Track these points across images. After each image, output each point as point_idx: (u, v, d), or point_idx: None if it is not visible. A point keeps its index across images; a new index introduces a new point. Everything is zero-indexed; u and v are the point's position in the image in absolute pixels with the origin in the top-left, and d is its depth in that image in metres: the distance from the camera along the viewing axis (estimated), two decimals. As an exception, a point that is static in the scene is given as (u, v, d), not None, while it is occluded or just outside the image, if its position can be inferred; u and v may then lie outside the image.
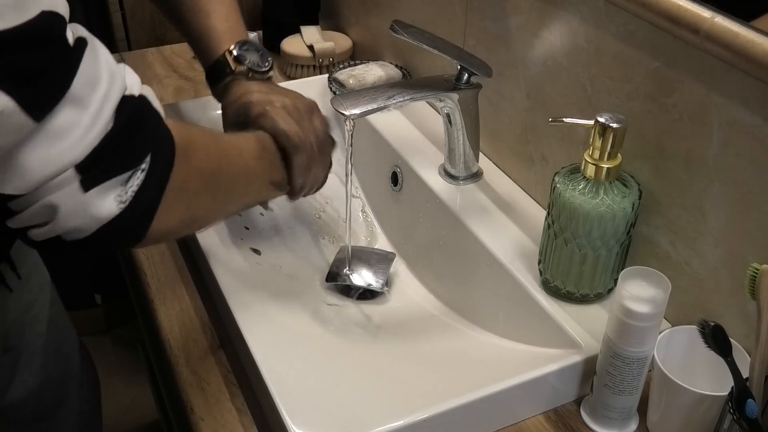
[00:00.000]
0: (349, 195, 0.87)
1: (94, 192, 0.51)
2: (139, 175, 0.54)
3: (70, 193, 0.51)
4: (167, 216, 0.58)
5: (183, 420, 0.75)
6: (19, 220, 0.52)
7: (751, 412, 0.57)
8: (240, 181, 0.71)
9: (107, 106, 0.51)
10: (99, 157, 0.51)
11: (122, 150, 0.53)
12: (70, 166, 0.50)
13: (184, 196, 0.60)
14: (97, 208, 0.52)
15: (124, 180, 0.53)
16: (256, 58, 0.84)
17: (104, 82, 0.51)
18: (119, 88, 0.53)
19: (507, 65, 0.90)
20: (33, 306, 0.92)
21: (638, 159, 0.75)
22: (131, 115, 0.53)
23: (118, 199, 0.53)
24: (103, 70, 0.52)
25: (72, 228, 0.52)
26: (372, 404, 0.68)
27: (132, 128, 0.53)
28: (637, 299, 0.63)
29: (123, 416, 1.69)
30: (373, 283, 0.90)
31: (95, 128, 0.50)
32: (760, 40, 0.58)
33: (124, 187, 0.53)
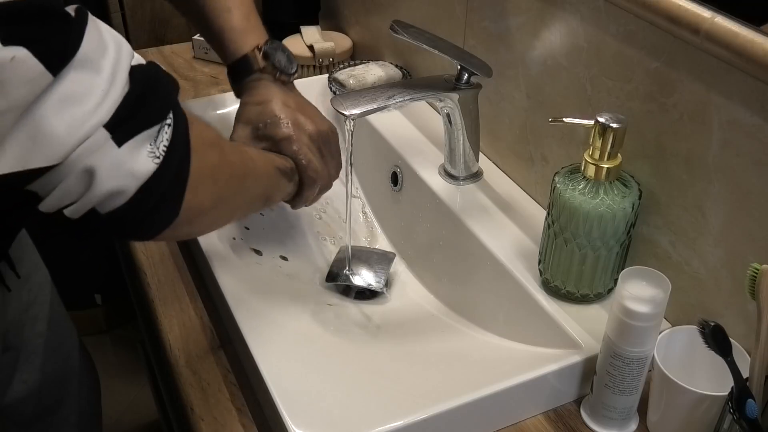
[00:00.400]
0: (349, 195, 0.87)
1: (127, 147, 0.51)
2: (167, 129, 0.54)
3: (105, 151, 0.50)
4: (197, 189, 0.58)
5: (183, 420, 0.75)
6: (52, 201, 0.51)
7: (751, 412, 0.57)
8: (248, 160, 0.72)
9: (120, 70, 0.51)
10: (125, 114, 0.51)
11: (146, 106, 0.53)
12: (98, 126, 0.49)
13: (208, 166, 0.61)
14: (134, 163, 0.52)
15: (153, 135, 0.53)
16: (284, 58, 0.84)
17: (111, 50, 0.51)
18: (127, 53, 0.53)
19: (507, 65, 0.90)
20: (33, 305, 0.92)
21: (638, 159, 0.75)
22: (146, 77, 0.53)
23: (151, 154, 0.53)
24: (108, 39, 0.52)
25: (111, 190, 0.52)
26: (372, 404, 0.68)
27: (150, 88, 0.54)
28: (637, 299, 0.63)
29: (123, 416, 1.70)
30: (373, 283, 0.90)
31: (114, 90, 0.50)
32: (760, 40, 0.58)
33: (155, 143, 0.53)
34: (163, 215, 0.57)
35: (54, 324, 0.96)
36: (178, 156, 0.55)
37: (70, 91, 0.48)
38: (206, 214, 0.63)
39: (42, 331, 0.94)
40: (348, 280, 0.90)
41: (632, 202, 0.71)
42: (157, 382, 1.13)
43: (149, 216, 0.56)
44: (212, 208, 0.63)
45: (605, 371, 0.68)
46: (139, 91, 0.52)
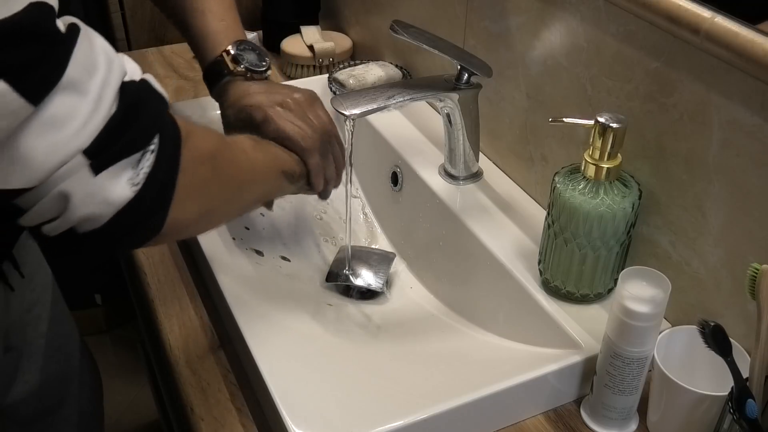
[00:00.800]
0: (349, 195, 0.87)
1: (105, 175, 0.51)
2: (149, 156, 0.53)
3: (80, 178, 0.50)
4: (183, 204, 0.57)
5: (183, 420, 0.75)
6: (30, 217, 0.51)
7: (751, 412, 0.57)
8: (247, 170, 0.71)
9: (108, 92, 0.50)
10: (106, 140, 0.50)
11: (129, 132, 0.52)
12: (77, 152, 0.49)
13: (197, 182, 0.60)
14: (110, 191, 0.51)
15: (134, 162, 0.52)
16: (254, 57, 0.84)
17: (102, 68, 0.50)
18: (118, 73, 0.52)
19: (507, 65, 0.90)
20: (36, 305, 0.92)
21: (638, 159, 0.75)
22: (134, 98, 0.53)
23: (130, 182, 0.52)
24: (100, 56, 0.51)
25: (86, 216, 0.51)
26: (372, 404, 0.68)
27: (137, 110, 0.53)
28: (637, 299, 0.63)
29: (123, 416, 1.70)
30: (373, 283, 0.90)
31: (98, 114, 0.50)
32: (760, 40, 0.58)
33: (136, 170, 0.52)
34: (142, 234, 0.57)
35: (56, 324, 0.96)
36: (159, 181, 0.54)
37: (51, 116, 0.48)
38: (193, 226, 0.63)
39: (44, 331, 0.94)
40: (348, 280, 0.90)
41: (632, 202, 0.71)
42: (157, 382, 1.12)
43: (128, 236, 0.56)
44: (199, 221, 0.63)
45: (605, 371, 0.68)
46: (123, 115, 0.51)
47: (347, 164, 0.84)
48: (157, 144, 0.54)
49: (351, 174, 0.85)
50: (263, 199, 0.76)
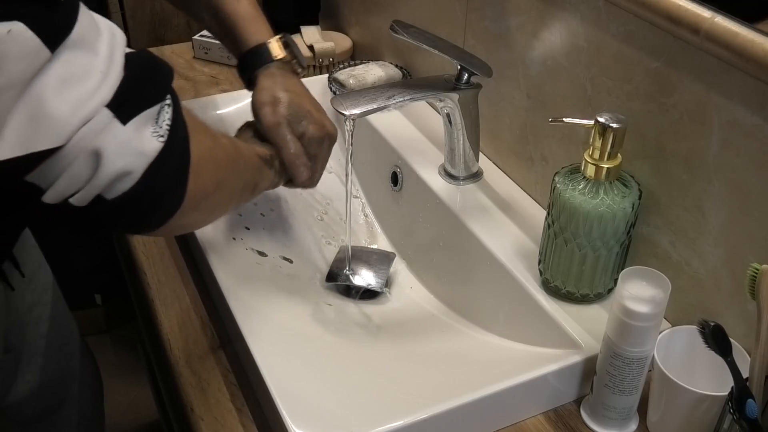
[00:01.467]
0: (349, 195, 0.87)
1: (132, 125, 0.51)
2: (168, 109, 0.54)
3: (110, 130, 0.50)
4: (198, 172, 0.57)
5: (183, 420, 0.75)
6: (59, 189, 0.50)
7: (751, 412, 0.57)
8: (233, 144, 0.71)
9: (117, 53, 0.51)
10: (126, 94, 0.50)
11: (145, 87, 0.53)
12: (101, 105, 0.49)
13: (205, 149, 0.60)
14: (139, 141, 0.51)
15: (154, 115, 0.53)
16: (298, 50, 0.85)
17: (105, 35, 0.51)
18: (121, 39, 0.53)
19: (507, 65, 0.90)
20: (36, 306, 0.92)
21: (638, 159, 0.75)
22: (141, 61, 0.53)
23: (155, 134, 0.52)
24: (102, 24, 0.52)
25: (119, 170, 0.51)
26: (372, 404, 0.68)
27: (148, 69, 0.54)
28: (637, 299, 0.63)
29: (123, 416, 1.69)
30: (373, 283, 0.90)
31: (112, 71, 0.50)
32: (760, 40, 0.58)
33: (158, 123, 0.53)
34: (170, 200, 0.56)
35: (57, 325, 0.96)
36: (180, 136, 0.55)
37: (69, 72, 0.48)
38: (208, 199, 0.62)
39: (45, 331, 0.94)
40: (348, 280, 0.90)
41: (632, 202, 0.71)
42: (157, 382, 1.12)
43: (157, 201, 0.55)
44: (214, 192, 0.63)
45: (605, 371, 0.68)
46: (136, 74, 0.52)
47: (347, 164, 0.84)
48: (171, 100, 0.55)
49: (351, 174, 0.85)
50: (254, 182, 0.75)
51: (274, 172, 0.79)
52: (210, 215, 0.68)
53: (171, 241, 0.92)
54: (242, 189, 0.73)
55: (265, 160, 0.77)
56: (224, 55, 1.29)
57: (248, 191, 0.75)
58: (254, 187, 0.76)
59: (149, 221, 0.57)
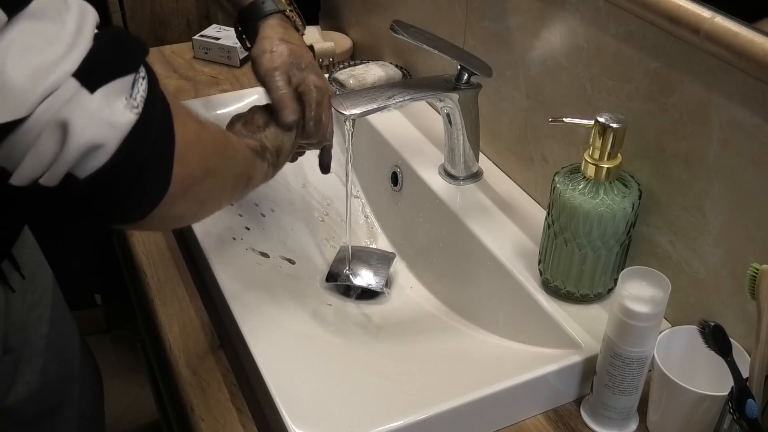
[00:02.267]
0: (349, 195, 0.87)
1: (100, 93, 0.47)
2: (142, 82, 0.50)
3: (77, 99, 0.46)
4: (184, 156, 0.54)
5: (183, 420, 0.75)
6: (25, 168, 0.46)
7: (751, 412, 0.57)
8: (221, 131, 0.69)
9: (86, 28, 0.48)
10: (94, 64, 0.47)
11: (116, 56, 0.49)
12: (66, 75, 0.46)
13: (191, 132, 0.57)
14: (110, 111, 0.47)
15: (128, 85, 0.49)
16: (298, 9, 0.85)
17: (74, 9, 0.48)
18: (93, 15, 0.49)
19: (507, 65, 0.90)
20: (37, 307, 0.92)
21: (638, 159, 0.75)
22: (113, 34, 0.50)
23: (129, 104, 0.49)
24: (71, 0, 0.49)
25: (89, 142, 0.47)
26: (372, 404, 0.68)
27: (118, 43, 0.50)
28: (637, 299, 0.63)
29: (123, 416, 1.69)
30: (373, 283, 0.90)
31: (81, 41, 0.47)
32: (760, 40, 0.58)
33: (132, 94, 0.49)
34: (152, 183, 0.52)
35: (57, 326, 0.96)
36: (159, 110, 0.51)
37: (29, 41, 0.45)
38: (198, 185, 0.58)
39: (45, 332, 0.94)
40: (348, 280, 0.90)
41: (632, 202, 0.71)
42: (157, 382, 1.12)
43: (136, 182, 0.51)
44: (203, 179, 0.59)
45: (605, 371, 0.68)
46: (107, 46, 0.49)
47: (347, 164, 0.84)
48: (146, 72, 0.51)
49: (351, 174, 0.85)
50: (246, 174, 0.73)
51: (267, 164, 0.77)
52: (201, 207, 0.64)
53: (171, 241, 0.92)
54: (235, 180, 0.70)
55: (257, 152, 0.75)
56: (224, 55, 1.29)
57: (242, 184, 0.72)
58: (248, 179, 0.73)
59: (131, 208, 0.53)
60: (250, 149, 0.74)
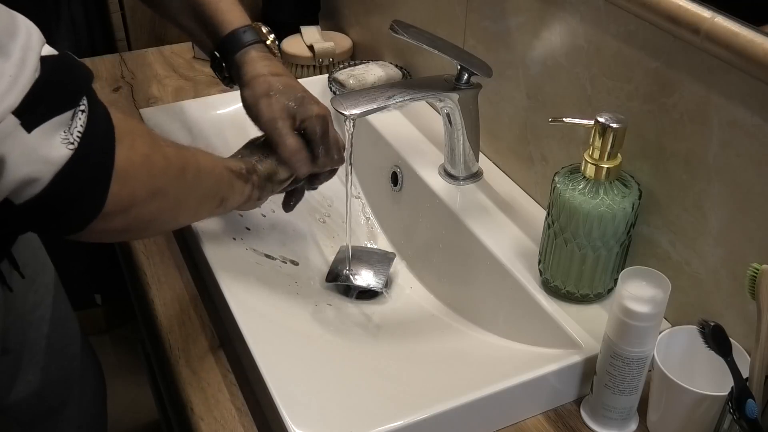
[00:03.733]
0: (349, 195, 0.87)
1: (38, 132, 0.49)
2: (81, 115, 0.52)
3: (14, 137, 0.48)
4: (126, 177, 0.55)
5: (183, 420, 0.75)
6: None
7: (751, 412, 0.57)
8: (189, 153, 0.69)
9: (31, 55, 0.49)
10: (34, 100, 0.49)
11: (56, 91, 0.51)
12: (6, 112, 0.47)
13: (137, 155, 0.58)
14: (46, 149, 0.50)
15: (66, 121, 0.51)
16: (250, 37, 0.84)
17: (22, 33, 0.49)
18: (38, 39, 0.51)
19: (507, 65, 0.90)
20: (39, 306, 0.92)
21: (638, 159, 0.75)
22: (58, 62, 0.51)
23: (65, 140, 0.51)
24: (20, 21, 0.50)
25: (24, 177, 0.50)
26: (372, 404, 0.68)
27: (62, 72, 0.52)
28: (637, 299, 0.63)
29: (123, 416, 1.69)
30: (373, 283, 0.90)
31: (23, 75, 0.48)
32: (760, 40, 0.58)
33: (69, 129, 0.51)
34: (85, 205, 0.54)
35: (59, 325, 0.96)
36: (96, 142, 0.53)
37: None
38: (142, 206, 0.60)
39: (47, 332, 0.94)
40: (348, 280, 0.90)
41: (632, 202, 0.71)
42: (157, 382, 1.12)
43: (69, 205, 0.53)
44: (149, 199, 0.60)
45: (605, 371, 0.68)
46: (49, 77, 0.50)
47: (347, 164, 0.84)
48: (87, 106, 0.53)
49: (351, 174, 0.85)
50: (218, 195, 0.73)
51: (250, 186, 0.77)
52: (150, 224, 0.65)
53: (171, 241, 0.92)
54: (200, 201, 0.71)
55: (239, 174, 0.75)
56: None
57: (212, 205, 0.73)
58: (221, 200, 0.74)
59: (66, 225, 0.56)
60: (230, 171, 0.74)
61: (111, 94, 1.21)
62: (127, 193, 0.57)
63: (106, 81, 1.24)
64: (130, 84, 1.24)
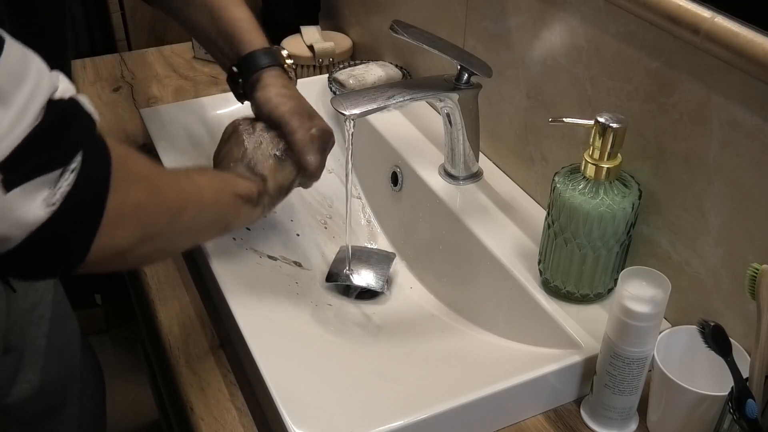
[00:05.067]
0: (349, 195, 0.87)
1: (17, 192, 0.47)
2: (69, 175, 0.49)
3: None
4: (115, 229, 0.53)
5: (183, 420, 0.75)
6: None
7: (751, 412, 0.57)
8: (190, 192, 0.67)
9: (33, 105, 0.47)
10: (23, 155, 0.46)
11: (49, 147, 0.48)
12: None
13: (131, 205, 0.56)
14: (23, 211, 0.47)
15: (52, 180, 0.48)
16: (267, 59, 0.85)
17: (31, 80, 0.47)
18: (47, 87, 0.49)
19: (507, 65, 0.90)
20: (39, 305, 0.92)
21: (638, 159, 0.75)
22: (59, 114, 0.49)
23: (45, 202, 0.48)
24: (32, 66, 0.48)
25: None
26: (372, 404, 0.68)
27: (60, 127, 0.49)
28: (637, 299, 0.63)
29: (123, 416, 1.70)
30: (373, 283, 0.90)
31: (19, 127, 0.46)
32: (760, 40, 0.58)
33: (53, 189, 0.48)
34: (62, 261, 0.53)
35: (59, 324, 0.96)
36: (82, 202, 0.50)
37: None
38: (131, 252, 0.58)
39: (46, 331, 0.94)
40: (348, 280, 0.90)
41: (632, 202, 0.71)
42: (157, 382, 1.13)
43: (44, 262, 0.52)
44: (139, 246, 0.58)
45: (605, 371, 0.68)
46: (45, 130, 0.48)
47: (347, 164, 0.84)
48: (80, 163, 0.50)
49: (351, 174, 0.85)
50: (221, 224, 0.73)
51: (260, 209, 0.77)
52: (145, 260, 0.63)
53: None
54: (199, 232, 0.71)
55: (247, 199, 0.74)
56: (224, 55, 1.29)
57: (213, 232, 0.73)
58: (224, 227, 0.74)
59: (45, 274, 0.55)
60: (238, 197, 0.73)
61: (111, 94, 1.21)
62: (114, 243, 0.55)
63: (106, 81, 1.24)
64: (130, 84, 1.24)
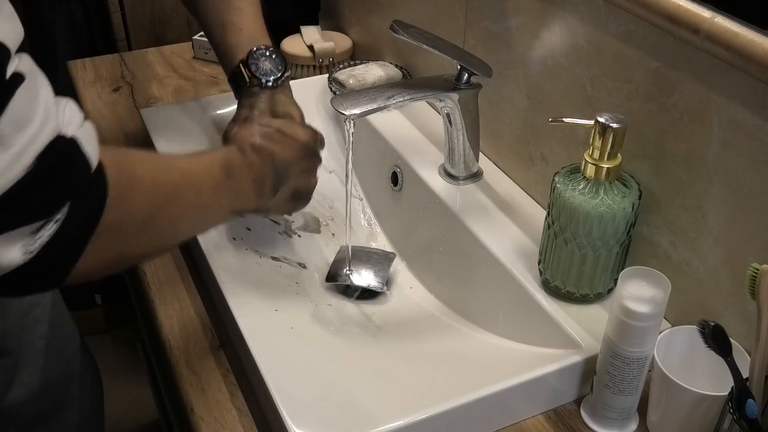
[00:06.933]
0: (349, 195, 0.87)
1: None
2: (52, 225, 0.49)
3: None
4: (92, 258, 0.54)
5: (183, 420, 0.75)
6: None
7: (751, 412, 0.57)
8: (189, 217, 0.68)
9: (31, 149, 0.47)
10: (10, 202, 0.47)
11: (36, 198, 0.48)
12: None
13: (116, 239, 0.57)
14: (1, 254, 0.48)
15: (33, 230, 0.49)
16: (268, 64, 0.84)
17: (35, 124, 0.47)
18: (50, 130, 0.48)
19: (507, 65, 0.90)
20: (35, 308, 0.92)
21: (638, 159, 0.75)
22: (55, 160, 0.49)
23: (24, 248, 0.49)
24: (39, 108, 0.48)
25: None
26: (372, 404, 0.68)
27: (52, 174, 0.49)
28: (637, 299, 0.63)
29: (123, 416, 1.70)
30: (373, 283, 0.90)
31: (12, 170, 0.46)
32: (760, 40, 0.58)
33: (33, 238, 0.49)
34: (39, 289, 0.54)
35: (56, 326, 0.96)
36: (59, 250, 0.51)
37: None
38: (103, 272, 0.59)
39: (44, 333, 0.94)
40: (348, 280, 0.90)
41: (632, 202, 0.71)
42: (157, 382, 1.13)
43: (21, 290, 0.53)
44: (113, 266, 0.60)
45: (605, 371, 0.68)
46: (38, 175, 0.47)
47: (347, 164, 0.84)
48: (66, 213, 0.50)
49: (351, 174, 0.85)
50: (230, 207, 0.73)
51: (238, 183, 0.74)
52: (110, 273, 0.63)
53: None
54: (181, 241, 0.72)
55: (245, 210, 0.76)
56: (224, 55, 1.29)
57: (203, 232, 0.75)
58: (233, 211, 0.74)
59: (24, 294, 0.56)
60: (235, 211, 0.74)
61: (111, 94, 1.21)
62: (90, 269, 0.55)
63: (106, 81, 1.24)
64: (130, 84, 1.24)
